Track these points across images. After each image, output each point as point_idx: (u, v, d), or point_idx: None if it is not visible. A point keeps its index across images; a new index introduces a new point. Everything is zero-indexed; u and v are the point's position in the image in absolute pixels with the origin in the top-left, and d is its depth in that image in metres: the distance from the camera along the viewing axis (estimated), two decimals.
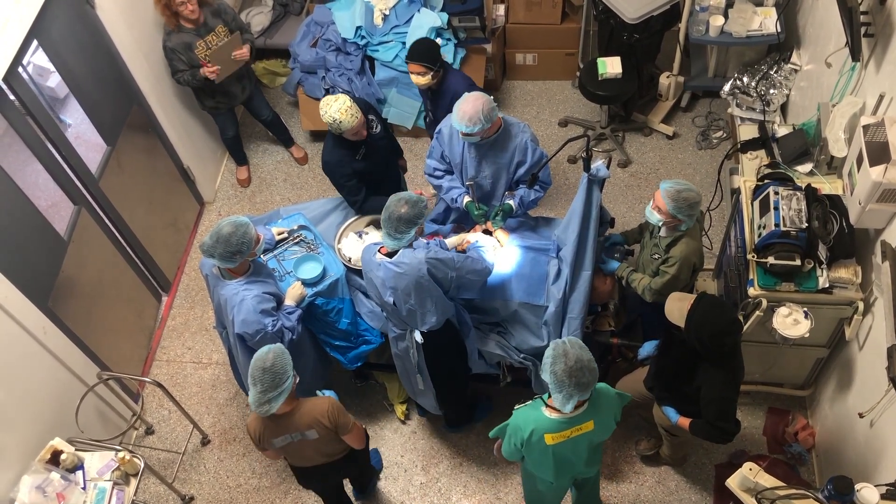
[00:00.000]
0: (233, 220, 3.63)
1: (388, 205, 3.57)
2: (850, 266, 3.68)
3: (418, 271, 3.58)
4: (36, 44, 4.12)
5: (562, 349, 3.04)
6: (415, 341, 3.89)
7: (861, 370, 3.82)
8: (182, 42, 4.91)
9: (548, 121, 6.14)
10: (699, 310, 3.28)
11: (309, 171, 6.05)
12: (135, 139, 5.03)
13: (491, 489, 4.54)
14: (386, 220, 3.57)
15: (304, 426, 3.43)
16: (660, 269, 3.87)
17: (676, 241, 3.78)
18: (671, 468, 4.52)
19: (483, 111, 3.81)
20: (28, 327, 3.92)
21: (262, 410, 3.25)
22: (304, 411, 3.41)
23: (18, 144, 4.28)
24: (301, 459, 3.69)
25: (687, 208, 3.63)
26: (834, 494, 2.85)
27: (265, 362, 3.21)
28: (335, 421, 3.45)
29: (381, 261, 3.69)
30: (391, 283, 3.68)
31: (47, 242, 4.23)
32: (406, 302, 3.71)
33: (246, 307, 3.70)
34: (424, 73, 4.34)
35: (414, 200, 3.58)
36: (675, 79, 5.77)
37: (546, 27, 5.98)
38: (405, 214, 3.53)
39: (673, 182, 3.65)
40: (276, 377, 3.21)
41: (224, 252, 3.57)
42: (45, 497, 3.74)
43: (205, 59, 4.94)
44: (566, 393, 3.02)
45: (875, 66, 3.66)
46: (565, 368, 2.99)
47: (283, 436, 3.45)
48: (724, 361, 3.38)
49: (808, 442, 4.40)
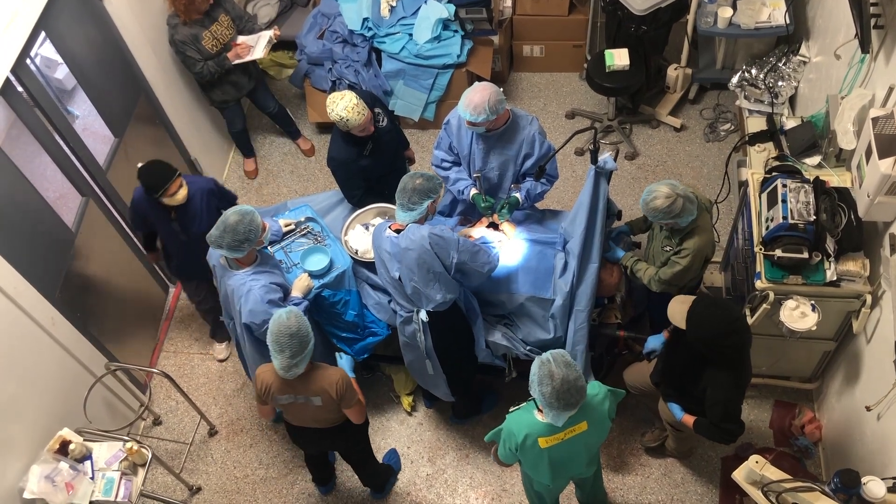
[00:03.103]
0: (238, 209, 3.66)
1: (403, 179, 3.68)
2: (858, 259, 3.67)
3: (421, 246, 3.64)
4: (44, 35, 4.13)
5: (547, 370, 2.99)
6: (421, 321, 3.90)
7: (868, 363, 3.81)
8: (189, 34, 4.93)
9: (555, 113, 6.12)
10: (697, 312, 3.26)
11: (316, 164, 6.05)
12: (142, 131, 5.04)
13: (497, 480, 4.55)
14: (400, 192, 3.67)
15: (313, 392, 3.51)
16: (671, 259, 3.84)
17: (691, 233, 3.76)
18: (677, 461, 4.52)
19: (489, 102, 3.81)
20: (36, 318, 3.94)
21: (290, 374, 3.36)
22: (316, 377, 3.50)
23: (26, 136, 4.29)
24: (296, 419, 3.77)
25: (664, 214, 3.61)
26: (840, 487, 2.86)
27: (290, 328, 3.29)
28: (342, 393, 3.54)
29: (389, 236, 3.76)
30: (398, 257, 3.74)
31: (55, 234, 4.25)
32: (410, 279, 3.74)
33: (253, 297, 3.71)
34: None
35: (429, 175, 3.70)
36: (683, 71, 5.75)
37: (553, 19, 5.96)
38: (420, 186, 3.64)
39: (646, 191, 3.64)
40: (302, 341, 3.32)
41: (232, 241, 3.59)
42: (53, 487, 3.76)
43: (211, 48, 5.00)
44: (555, 412, 3.02)
45: (885, 58, 3.64)
46: (552, 391, 2.96)
47: (289, 395, 3.52)
48: (731, 363, 3.34)
49: (815, 435, 4.39)
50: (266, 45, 5.18)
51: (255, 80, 5.46)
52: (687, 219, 3.68)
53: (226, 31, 5.08)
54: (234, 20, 5.15)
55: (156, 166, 4.07)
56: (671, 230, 3.83)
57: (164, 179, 4.02)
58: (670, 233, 3.85)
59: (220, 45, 5.07)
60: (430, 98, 5.80)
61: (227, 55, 5.08)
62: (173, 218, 4.25)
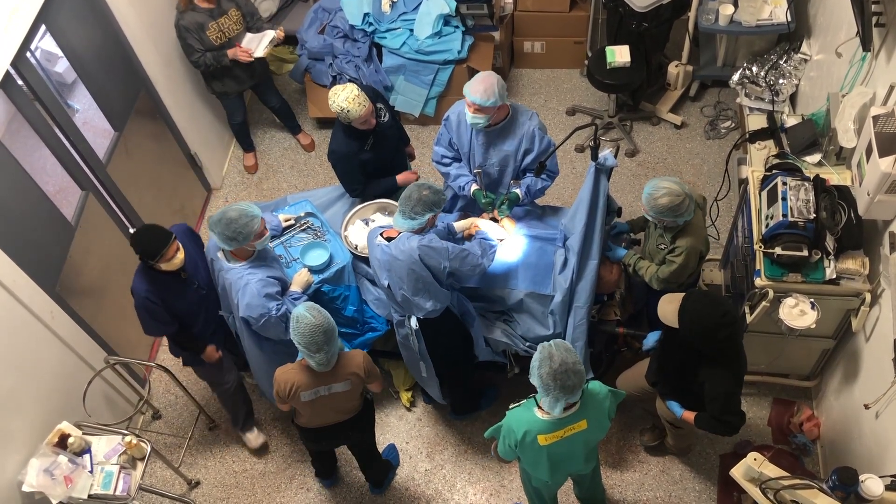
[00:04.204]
0: (241, 208, 3.66)
1: (409, 187, 3.66)
2: (857, 257, 3.67)
3: (410, 257, 3.62)
4: (44, 29, 4.12)
5: (547, 352, 3.01)
6: (412, 328, 3.91)
7: (867, 362, 3.82)
8: (195, 22, 4.91)
9: (555, 109, 6.12)
10: (689, 306, 3.27)
11: (316, 159, 6.05)
12: (142, 125, 5.03)
13: (495, 476, 4.56)
14: (405, 199, 3.64)
15: (342, 377, 3.54)
16: (667, 258, 3.86)
17: (683, 231, 3.78)
18: (676, 458, 4.52)
19: (497, 86, 3.84)
20: (36, 312, 3.94)
21: (330, 365, 3.42)
22: (342, 363, 3.54)
23: (26, 130, 4.29)
24: (317, 417, 3.75)
25: (669, 212, 3.63)
26: (838, 485, 2.86)
27: (320, 325, 3.30)
28: (369, 370, 3.62)
29: (379, 243, 3.75)
30: (388, 266, 3.73)
31: (55, 228, 4.25)
32: (399, 287, 3.74)
33: (250, 291, 3.72)
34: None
35: (437, 189, 3.68)
36: (684, 68, 5.74)
37: (554, 15, 5.95)
38: (426, 197, 3.62)
39: (652, 187, 3.64)
40: (331, 332, 3.34)
41: (221, 233, 3.63)
42: (52, 480, 3.77)
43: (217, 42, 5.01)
44: (553, 396, 3.02)
45: (886, 57, 3.64)
46: (550, 371, 2.97)
47: (315, 388, 3.54)
48: (726, 357, 3.37)
49: (814, 433, 4.40)
50: (269, 45, 5.15)
51: (259, 76, 5.44)
52: (685, 218, 3.69)
53: (233, 26, 5.06)
54: (245, 16, 5.12)
55: (151, 231, 3.71)
56: (665, 228, 3.83)
57: (163, 242, 3.65)
58: (664, 230, 3.86)
59: (225, 38, 5.05)
60: (430, 94, 5.79)
61: (226, 52, 5.05)
62: (184, 277, 3.87)
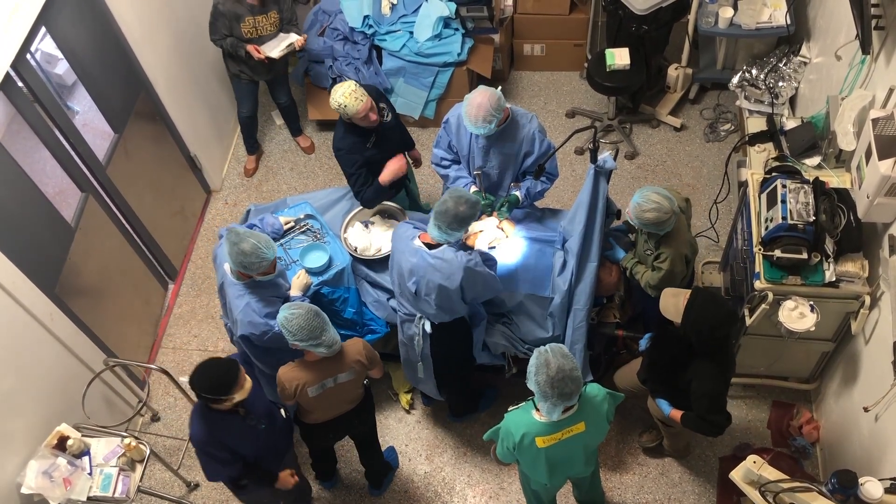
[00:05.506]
0: (257, 245, 3.54)
1: (446, 199, 3.52)
2: (857, 260, 3.67)
3: (451, 275, 3.57)
4: (44, 30, 4.12)
5: (544, 358, 3.00)
6: (423, 330, 3.90)
7: (867, 364, 3.82)
8: (233, 12, 4.96)
9: (555, 112, 6.12)
10: (696, 305, 3.31)
11: (315, 161, 6.05)
12: (142, 127, 5.04)
13: (494, 479, 4.55)
14: (441, 213, 3.50)
15: (347, 366, 3.56)
16: (654, 265, 3.90)
17: (665, 239, 3.81)
18: (675, 460, 4.52)
19: (491, 106, 3.80)
20: (35, 314, 3.94)
21: (336, 348, 3.46)
22: (345, 352, 3.57)
23: (26, 131, 4.29)
24: (324, 411, 3.75)
25: (652, 226, 3.68)
26: (838, 488, 2.86)
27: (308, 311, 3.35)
28: (370, 356, 3.66)
29: (418, 248, 3.66)
30: (420, 273, 3.66)
31: (55, 229, 4.25)
32: (427, 294, 3.70)
33: (251, 310, 3.72)
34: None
35: (473, 201, 3.53)
36: (684, 70, 5.75)
37: (554, 18, 5.95)
38: (462, 213, 3.49)
39: (642, 198, 3.65)
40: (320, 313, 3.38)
41: (230, 252, 3.60)
42: (51, 482, 3.77)
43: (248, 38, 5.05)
44: (551, 402, 3.02)
45: (885, 60, 3.64)
46: (547, 379, 2.97)
47: (321, 382, 3.55)
48: (716, 355, 3.41)
49: (813, 435, 4.39)
50: (286, 48, 5.16)
51: (276, 72, 5.46)
52: (666, 229, 3.75)
53: (269, 26, 5.09)
54: (282, 21, 5.15)
55: (217, 366, 3.26)
56: (648, 234, 3.89)
57: (234, 375, 3.23)
58: (647, 237, 3.91)
59: (257, 34, 5.08)
60: (430, 96, 5.80)
61: (247, 46, 5.06)
62: (243, 414, 3.40)
